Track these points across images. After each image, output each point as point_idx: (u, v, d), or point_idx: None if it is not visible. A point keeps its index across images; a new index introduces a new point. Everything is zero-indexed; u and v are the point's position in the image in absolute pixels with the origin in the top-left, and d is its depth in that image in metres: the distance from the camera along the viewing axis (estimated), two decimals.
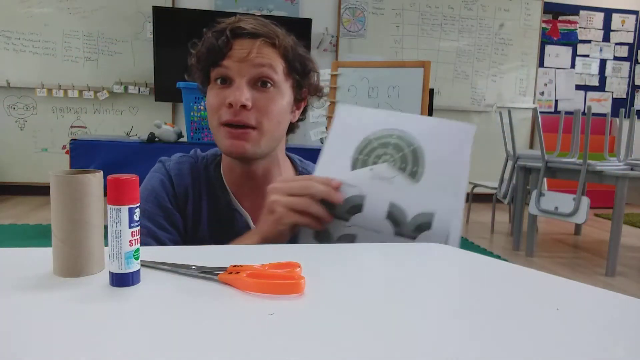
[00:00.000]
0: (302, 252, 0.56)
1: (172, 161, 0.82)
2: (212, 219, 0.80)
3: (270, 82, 0.74)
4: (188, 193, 0.80)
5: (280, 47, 0.75)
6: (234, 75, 0.73)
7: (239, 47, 0.73)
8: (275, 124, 0.76)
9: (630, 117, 2.68)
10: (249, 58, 0.72)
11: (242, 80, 0.73)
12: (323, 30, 4.44)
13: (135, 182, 0.42)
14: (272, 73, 0.74)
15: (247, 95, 0.72)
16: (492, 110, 4.78)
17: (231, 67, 0.73)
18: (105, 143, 2.81)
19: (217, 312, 0.37)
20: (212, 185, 0.82)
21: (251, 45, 0.73)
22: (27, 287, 0.41)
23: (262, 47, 0.73)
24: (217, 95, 0.75)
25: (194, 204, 0.80)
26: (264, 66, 0.73)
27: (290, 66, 0.77)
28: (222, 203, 0.81)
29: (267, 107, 0.74)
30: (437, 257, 0.57)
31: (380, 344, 0.32)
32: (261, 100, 0.74)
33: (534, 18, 4.80)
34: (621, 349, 0.33)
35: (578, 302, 0.42)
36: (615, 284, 2.38)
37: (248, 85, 0.73)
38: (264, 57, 0.73)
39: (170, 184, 0.79)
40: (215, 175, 0.82)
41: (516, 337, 0.34)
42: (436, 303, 0.41)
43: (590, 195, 2.67)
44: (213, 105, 0.75)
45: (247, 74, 0.73)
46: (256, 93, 0.74)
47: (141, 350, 0.30)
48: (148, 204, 0.76)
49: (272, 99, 0.75)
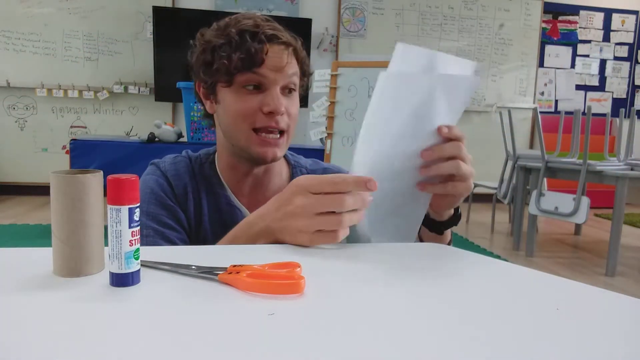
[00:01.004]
0: (302, 252, 0.56)
1: (166, 162, 0.82)
2: (213, 217, 0.81)
3: (294, 88, 0.78)
4: (187, 192, 0.80)
5: (297, 53, 0.78)
6: (269, 83, 0.74)
7: (273, 55, 0.74)
8: (295, 125, 0.80)
9: (630, 117, 2.68)
10: (286, 69, 0.75)
11: (276, 88, 0.75)
12: (323, 30, 4.45)
13: (135, 182, 0.42)
14: (297, 80, 0.78)
15: (284, 103, 0.75)
16: (492, 110, 4.78)
17: (268, 75, 0.74)
18: (105, 143, 2.81)
19: (217, 312, 0.37)
20: (210, 183, 0.82)
21: (284, 54, 0.75)
22: (27, 287, 0.41)
23: (290, 56, 0.76)
24: (248, 101, 0.75)
25: (194, 203, 0.80)
26: (293, 76, 0.77)
27: (302, 71, 0.81)
28: (221, 200, 0.81)
29: (293, 112, 0.78)
30: (437, 257, 0.57)
31: (380, 343, 0.32)
32: (290, 106, 0.77)
33: (534, 18, 4.81)
34: (621, 349, 0.33)
35: (578, 302, 0.42)
36: (615, 284, 2.38)
37: (280, 93, 0.76)
38: (292, 67, 0.76)
39: (168, 184, 0.79)
40: (212, 173, 0.83)
41: (516, 337, 0.34)
42: (436, 303, 0.41)
43: (590, 195, 2.67)
44: (244, 110, 0.75)
45: (281, 83, 0.75)
46: (285, 99, 0.76)
47: (141, 350, 0.30)
48: (150, 205, 0.76)
49: (295, 103, 0.79)
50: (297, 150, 0.98)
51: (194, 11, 4.04)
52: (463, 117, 3.87)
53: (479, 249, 2.95)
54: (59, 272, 0.44)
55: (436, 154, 0.62)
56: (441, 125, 0.61)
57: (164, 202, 0.77)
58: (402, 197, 0.66)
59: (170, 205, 0.77)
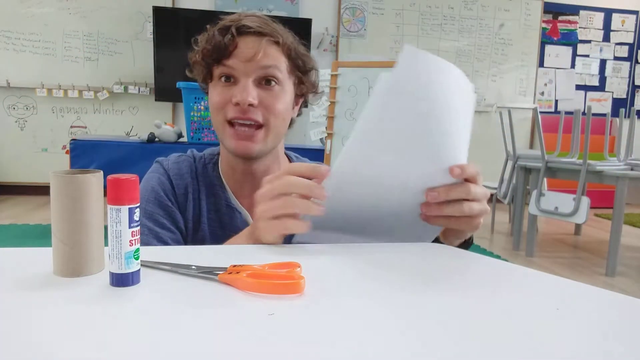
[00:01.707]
0: (302, 252, 0.56)
1: (170, 161, 0.82)
2: (212, 218, 0.80)
3: (274, 80, 0.75)
4: (188, 192, 0.80)
5: (284, 46, 0.76)
6: (239, 74, 0.74)
7: (244, 46, 0.73)
8: (280, 121, 0.77)
9: (630, 117, 2.68)
10: (255, 59, 0.73)
11: (247, 80, 0.73)
12: (323, 30, 4.45)
13: (135, 182, 0.42)
14: (277, 72, 0.75)
15: (253, 94, 0.73)
16: (492, 110, 4.78)
17: (237, 66, 0.73)
18: (105, 143, 2.81)
19: (217, 312, 0.37)
20: (211, 184, 0.82)
21: (256, 45, 0.73)
22: (27, 287, 0.41)
23: (267, 47, 0.74)
24: (221, 93, 0.75)
25: (194, 203, 0.80)
26: (269, 67, 0.74)
27: (293, 64, 0.78)
28: (221, 202, 0.81)
29: (273, 105, 0.75)
30: (438, 256, 0.57)
31: (380, 343, 0.32)
32: (267, 98, 0.75)
33: (534, 18, 4.81)
34: (621, 348, 0.33)
35: (578, 302, 0.42)
36: (615, 284, 2.38)
37: (253, 84, 0.74)
38: (269, 58, 0.74)
39: (169, 184, 0.79)
40: (214, 174, 0.83)
41: (516, 337, 0.34)
42: (436, 303, 0.41)
43: (590, 195, 2.67)
44: (218, 103, 0.75)
45: (253, 74, 0.74)
46: (261, 91, 0.75)
47: (141, 350, 0.30)
48: (149, 204, 0.76)
49: (276, 96, 0.76)
50: (297, 150, 0.97)
51: (194, 11, 4.04)
52: None
53: (479, 249, 2.95)
54: (59, 272, 0.44)
55: (442, 197, 0.56)
56: (453, 166, 0.54)
57: (163, 201, 0.77)
58: (397, 219, 0.60)
59: (168, 206, 0.77)
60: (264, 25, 0.75)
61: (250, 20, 0.74)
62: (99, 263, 0.46)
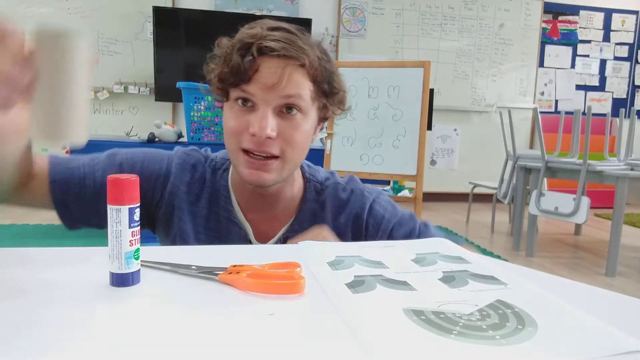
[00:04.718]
0: (302, 252, 0.56)
1: (184, 151, 0.78)
2: (211, 228, 0.76)
3: (296, 108, 0.68)
4: (178, 188, 0.75)
5: (310, 69, 0.67)
6: (258, 101, 0.66)
7: (266, 70, 0.65)
8: (298, 152, 0.71)
9: (630, 117, 2.68)
10: (278, 87, 0.65)
11: (267, 109, 0.66)
12: (323, 30, 4.44)
13: (135, 182, 0.42)
14: (300, 101, 0.68)
15: (272, 124, 0.66)
16: (492, 110, 4.78)
17: (256, 94, 0.66)
18: (105, 143, 2.81)
19: (217, 312, 0.37)
20: (216, 192, 0.77)
21: (279, 70, 0.65)
22: (27, 287, 0.41)
23: (291, 73, 0.66)
24: (237, 118, 0.68)
25: (189, 204, 0.75)
26: (292, 96, 0.67)
27: (319, 89, 0.70)
28: (222, 213, 0.76)
29: (292, 136, 0.68)
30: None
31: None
32: (286, 129, 0.68)
33: (534, 18, 4.81)
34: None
35: (578, 302, 0.42)
36: (615, 284, 2.38)
37: (273, 112, 0.67)
38: (293, 86, 0.66)
39: (165, 170, 0.75)
40: (222, 182, 0.77)
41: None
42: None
43: (590, 195, 2.67)
44: (233, 129, 0.68)
45: (273, 103, 0.66)
46: (281, 121, 0.67)
47: (141, 350, 0.30)
48: (130, 161, 0.72)
49: (297, 126, 0.69)
50: None
51: (194, 11, 4.04)
52: (463, 117, 3.85)
53: (479, 249, 2.95)
54: (36, 132, 0.41)
55: None
56: None
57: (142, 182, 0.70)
58: None
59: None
60: (289, 44, 0.66)
61: (274, 39, 0.65)
62: (82, 130, 0.42)
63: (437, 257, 0.55)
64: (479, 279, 0.48)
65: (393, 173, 2.35)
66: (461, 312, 0.38)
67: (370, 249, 0.58)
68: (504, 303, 0.41)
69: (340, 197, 0.80)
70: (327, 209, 0.79)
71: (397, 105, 2.36)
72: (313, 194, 0.80)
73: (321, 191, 0.80)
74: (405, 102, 2.33)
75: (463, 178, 4.52)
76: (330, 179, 0.82)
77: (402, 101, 2.34)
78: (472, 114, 4.77)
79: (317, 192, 0.80)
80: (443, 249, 0.60)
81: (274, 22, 0.69)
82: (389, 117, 2.36)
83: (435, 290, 0.44)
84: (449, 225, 3.65)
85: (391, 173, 2.36)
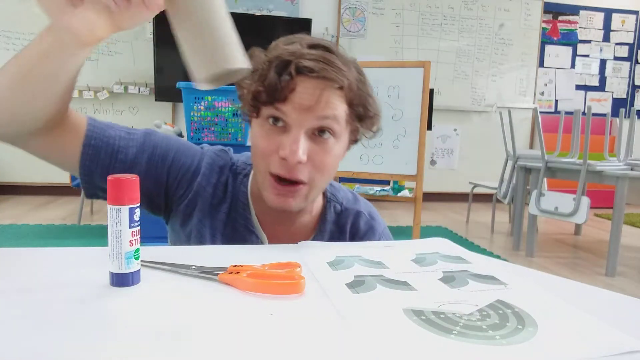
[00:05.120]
0: (302, 252, 0.56)
1: (215, 150, 0.76)
2: (228, 235, 0.74)
3: (329, 131, 0.65)
4: (204, 190, 0.73)
5: (347, 92, 0.65)
6: (292, 123, 0.63)
7: (303, 91, 0.62)
8: (327, 177, 0.68)
9: (630, 117, 2.68)
10: (314, 110, 0.62)
11: (300, 131, 0.62)
12: (323, 30, 4.44)
13: (135, 182, 0.42)
14: (334, 124, 0.64)
15: (304, 148, 0.62)
16: (492, 110, 4.78)
17: (291, 114, 0.62)
18: None
19: (217, 312, 0.37)
20: (235, 199, 0.74)
21: (317, 92, 0.62)
22: (27, 287, 0.41)
23: (328, 95, 0.63)
24: (268, 138, 0.65)
25: (210, 206, 0.73)
26: (327, 118, 0.63)
27: (354, 112, 0.67)
28: (239, 219, 0.74)
29: (322, 161, 0.65)
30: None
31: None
32: (318, 153, 0.64)
33: (534, 18, 4.81)
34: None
35: (578, 302, 0.42)
36: (615, 284, 2.38)
37: (305, 135, 0.63)
38: (329, 108, 0.63)
39: (196, 165, 0.73)
40: (242, 189, 0.75)
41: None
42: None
43: (590, 195, 2.67)
44: (263, 150, 0.65)
45: (307, 125, 0.63)
46: (313, 144, 0.64)
47: (141, 350, 0.30)
48: (171, 153, 0.70)
49: (329, 150, 0.65)
50: None
51: None
52: (463, 117, 3.85)
53: (479, 249, 2.95)
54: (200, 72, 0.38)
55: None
56: None
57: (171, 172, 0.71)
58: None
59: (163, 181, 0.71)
60: (327, 65, 0.62)
61: (313, 58, 0.62)
62: (241, 56, 0.39)
63: (437, 257, 0.55)
64: (479, 279, 0.48)
65: (393, 173, 2.35)
66: (461, 312, 0.38)
67: (370, 249, 0.58)
68: (504, 303, 0.41)
69: (360, 227, 0.78)
70: (346, 235, 0.77)
71: (397, 105, 2.36)
72: (333, 215, 0.78)
73: (341, 213, 0.78)
74: (405, 102, 2.33)
75: (463, 178, 4.52)
76: (353, 202, 0.80)
77: (402, 101, 2.34)
78: (472, 114, 4.77)
79: (336, 214, 0.78)
80: (443, 249, 0.60)
81: (312, 39, 0.66)
82: (389, 117, 2.36)
83: (435, 290, 0.44)
84: (449, 225, 3.66)
85: (391, 173, 2.35)
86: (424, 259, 0.54)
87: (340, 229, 0.78)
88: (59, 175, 3.94)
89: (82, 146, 0.65)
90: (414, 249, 0.58)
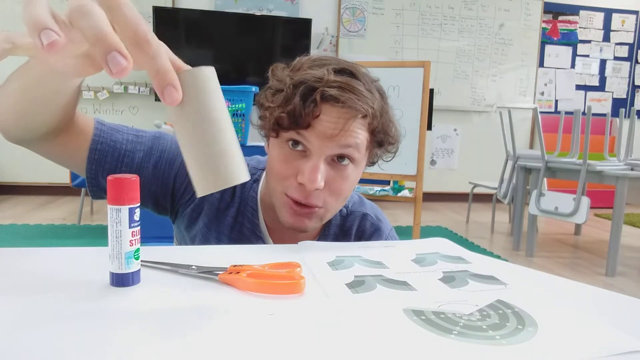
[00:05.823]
0: (302, 252, 0.56)
1: None
2: (232, 236, 0.74)
3: (349, 158, 0.64)
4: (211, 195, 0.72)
5: (370, 119, 0.64)
6: (313, 149, 0.62)
7: (326, 118, 0.61)
8: (342, 202, 0.68)
9: (630, 117, 2.68)
10: (335, 138, 0.61)
11: (320, 158, 0.62)
12: (323, 30, 4.45)
13: (135, 182, 0.42)
14: (355, 152, 0.64)
15: (322, 174, 0.62)
16: (492, 110, 4.78)
17: (312, 142, 0.62)
18: None
19: (217, 312, 0.37)
20: (244, 203, 0.74)
21: (341, 121, 0.61)
22: (27, 288, 0.41)
23: (352, 124, 0.62)
24: (287, 162, 0.64)
25: (217, 210, 0.74)
26: (349, 147, 0.63)
27: (374, 139, 0.67)
28: (246, 224, 0.74)
29: (339, 187, 0.65)
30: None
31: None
32: (335, 180, 0.64)
33: (534, 18, 4.81)
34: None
35: (578, 302, 0.42)
36: (615, 284, 2.38)
37: (325, 162, 0.63)
38: (351, 137, 0.62)
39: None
40: (251, 194, 0.75)
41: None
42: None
43: (590, 195, 2.67)
44: (280, 173, 0.65)
45: (327, 152, 0.62)
46: (331, 170, 0.64)
47: (141, 351, 0.30)
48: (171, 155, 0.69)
49: (347, 177, 0.65)
50: None
51: (194, 11, 4.04)
52: (463, 117, 3.86)
53: (479, 249, 2.95)
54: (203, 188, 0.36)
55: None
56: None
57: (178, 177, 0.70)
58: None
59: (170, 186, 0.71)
60: (353, 94, 0.61)
61: (339, 85, 0.61)
62: (244, 169, 0.37)
63: (437, 257, 0.55)
64: (479, 279, 0.48)
65: (393, 173, 2.35)
66: (461, 312, 0.38)
67: (370, 249, 0.58)
68: (504, 303, 0.41)
69: (366, 229, 0.78)
70: (350, 238, 0.77)
71: (397, 105, 2.36)
72: (338, 218, 0.77)
73: (347, 216, 0.78)
74: (405, 102, 2.33)
75: (463, 178, 4.52)
76: (359, 205, 0.80)
77: (402, 101, 2.34)
78: (472, 114, 4.77)
79: (342, 217, 0.78)
80: (443, 249, 0.60)
81: (338, 62, 0.65)
82: None
83: (435, 290, 0.44)
84: (449, 225, 3.66)
85: (391, 173, 2.35)
86: (424, 259, 0.54)
87: (345, 232, 0.77)
88: (59, 175, 3.94)
89: (88, 150, 0.65)
90: (414, 249, 0.58)
